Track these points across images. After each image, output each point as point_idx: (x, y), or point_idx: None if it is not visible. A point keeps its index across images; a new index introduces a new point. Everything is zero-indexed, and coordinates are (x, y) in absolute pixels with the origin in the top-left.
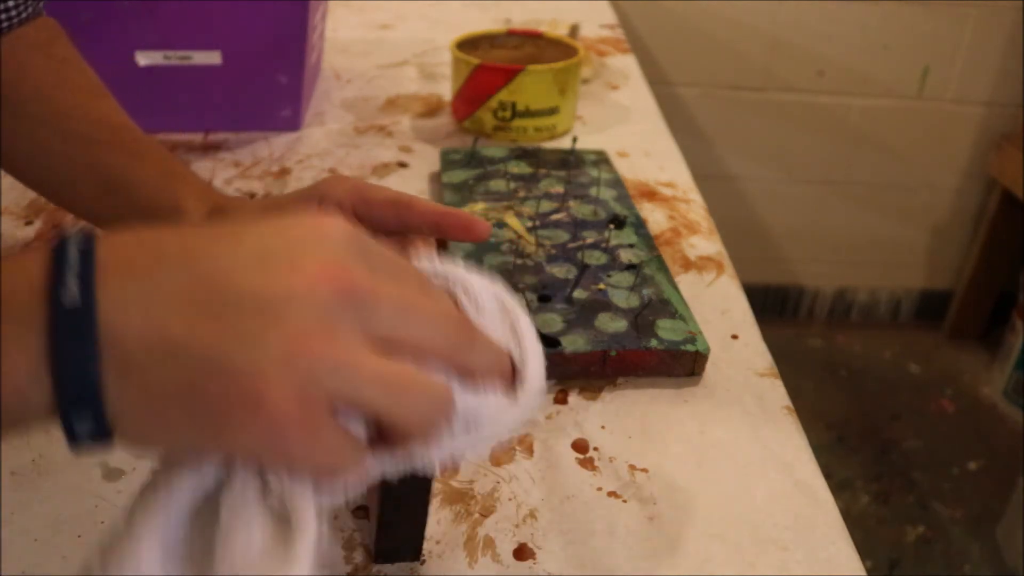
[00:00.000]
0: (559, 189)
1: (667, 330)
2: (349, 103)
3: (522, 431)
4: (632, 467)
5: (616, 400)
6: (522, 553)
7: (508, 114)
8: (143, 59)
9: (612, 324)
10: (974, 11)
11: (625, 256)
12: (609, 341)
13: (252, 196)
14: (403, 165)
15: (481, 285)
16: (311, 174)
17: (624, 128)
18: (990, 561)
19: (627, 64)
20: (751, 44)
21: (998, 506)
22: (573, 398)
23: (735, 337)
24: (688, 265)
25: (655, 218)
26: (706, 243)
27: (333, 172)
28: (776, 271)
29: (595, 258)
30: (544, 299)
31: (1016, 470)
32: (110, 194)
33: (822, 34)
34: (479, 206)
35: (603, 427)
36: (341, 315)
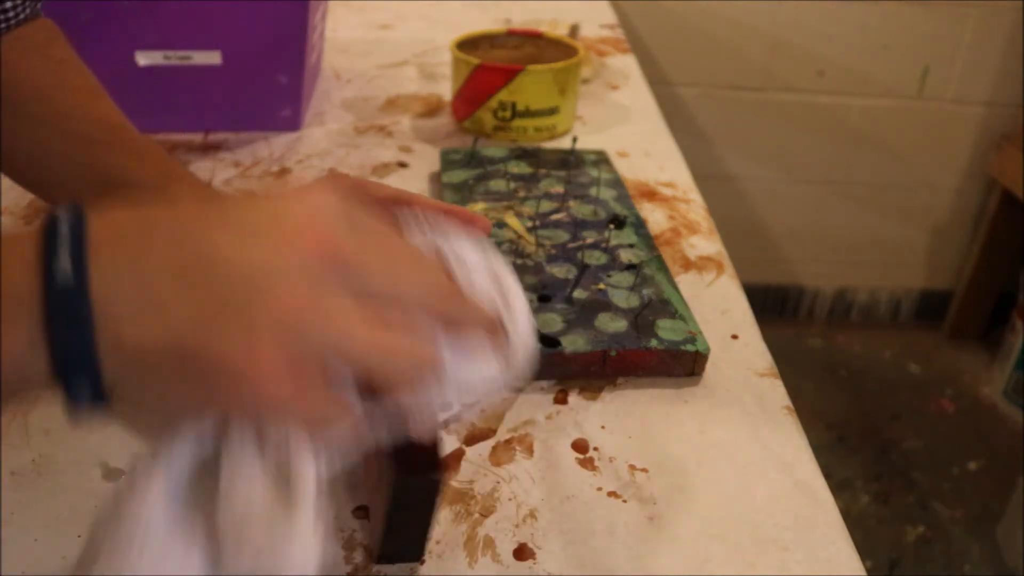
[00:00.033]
0: (559, 189)
1: (667, 330)
2: (349, 103)
3: (521, 432)
4: (632, 467)
5: (616, 400)
6: (522, 553)
7: (508, 114)
8: (143, 59)
9: (612, 324)
10: (974, 11)
11: (625, 256)
12: (609, 341)
13: None
14: (403, 165)
15: (470, 251)
16: (311, 174)
17: (624, 128)
18: (990, 561)
19: (627, 64)
20: (751, 44)
21: (998, 506)
22: (573, 398)
23: (735, 337)
24: (688, 265)
25: (655, 218)
26: (706, 243)
27: (333, 172)
28: (776, 271)
29: (595, 258)
30: (544, 299)
31: (1016, 470)
32: (107, 194)
33: (822, 34)
34: (479, 206)
35: (603, 427)
36: (329, 282)
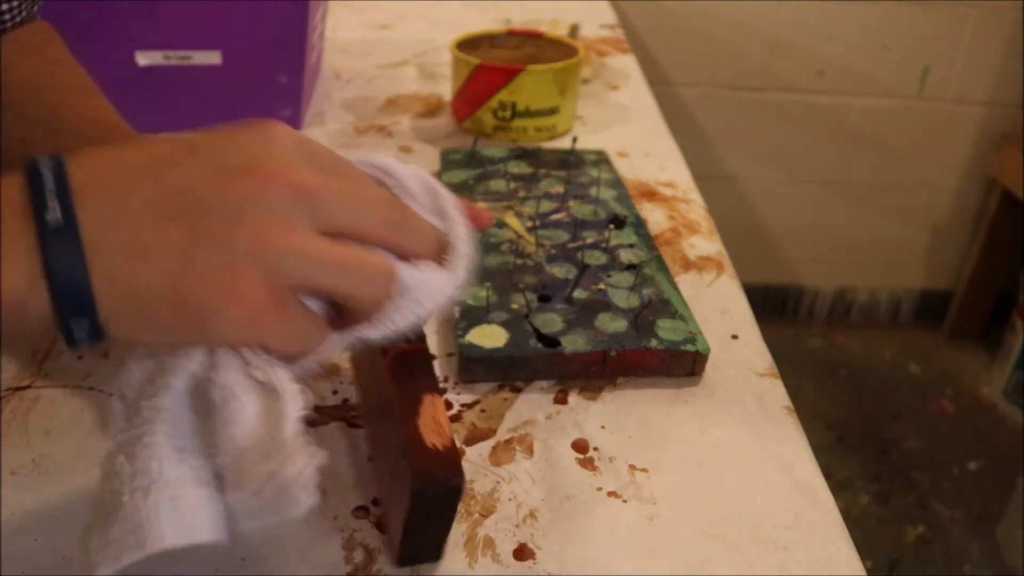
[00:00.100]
0: (559, 189)
1: (667, 330)
2: (349, 103)
3: (521, 432)
4: (632, 467)
5: (616, 400)
6: (522, 553)
7: (508, 114)
8: (143, 59)
9: (612, 324)
10: (974, 11)
11: (625, 256)
12: (609, 341)
13: None
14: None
15: (408, 171)
16: None
17: (624, 128)
18: (990, 561)
19: (627, 64)
20: (751, 44)
21: (998, 506)
22: (573, 398)
23: (735, 337)
24: (688, 265)
25: (655, 218)
26: (706, 243)
27: None
28: (776, 271)
29: (595, 258)
30: (544, 299)
31: (1016, 470)
32: None
33: (822, 34)
34: (479, 206)
35: (603, 427)
36: (294, 210)
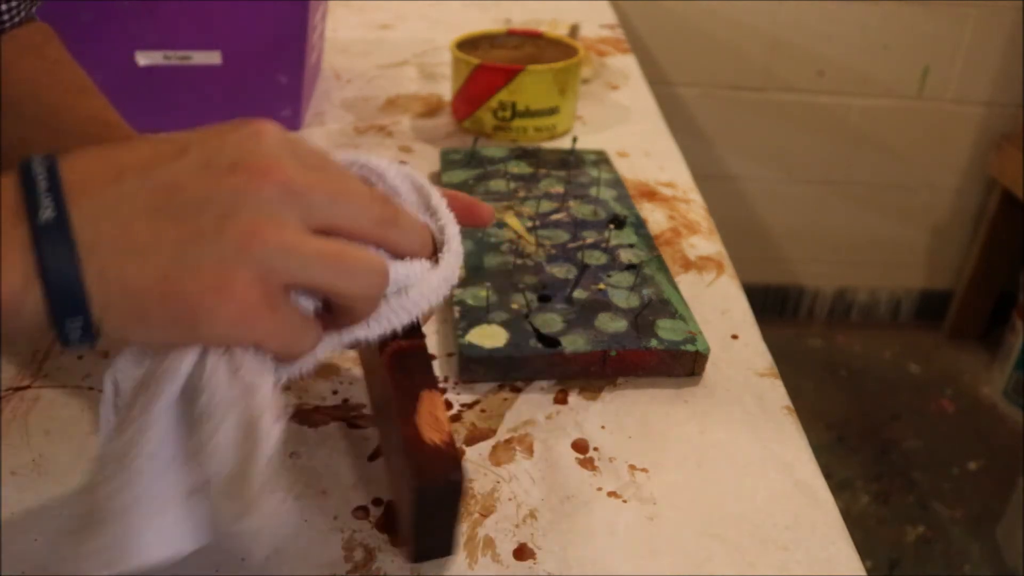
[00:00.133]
0: (559, 189)
1: (667, 330)
2: (349, 103)
3: (521, 432)
4: (632, 467)
5: (616, 400)
6: (522, 553)
7: (508, 114)
8: (143, 59)
9: (612, 324)
10: (974, 11)
11: (625, 256)
12: (609, 341)
13: None
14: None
15: (394, 169)
16: None
17: (624, 128)
18: (990, 561)
19: (627, 64)
20: (751, 44)
21: (998, 506)
22: (573, 398)
23: (735, 337)
24: (688, 265)
25: (655, 218)
26: (706, 243)
27: None
28: (776, 271)
29: (595, 258)
30: (544, 299)
31: (1016, 470)
32: None
33: (822, 34)
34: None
35: (603, 427)
36: (283, 207)
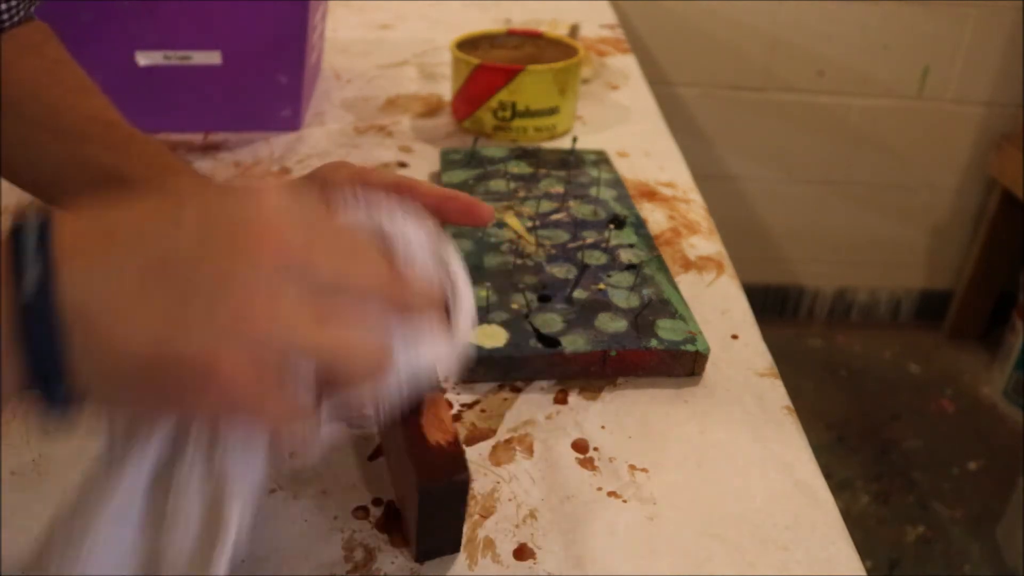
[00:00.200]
0: (559, 189)
1: (667, 330)
2: (349, 103)
3: (521, 432)
4: (632, 467)
5: (616, 400)
6: (522, 553)
7: (508, 114)
8: (143, 59)
9: (612, 324)
10: (974, 11)
11: (625, 256)
12: (609, 341)
13: None
14: (403, 165)
15: (411, 230)
16: None
17: (624, 128)
18: (990, 561)
19: (627, 64)
20: (751, 44)
21: (998, 506)
22: (573, 398)
23: (735, 337)
24: (688, 265)
25: (655, 218)
26: (706, 243)
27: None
28: (776, 271)
29: (595, 258)
30: (544, 299)
31: (1016, 470)
32: (103, 190)
33: (822, 34)
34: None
35: (603, 427)
36: (281, 278)
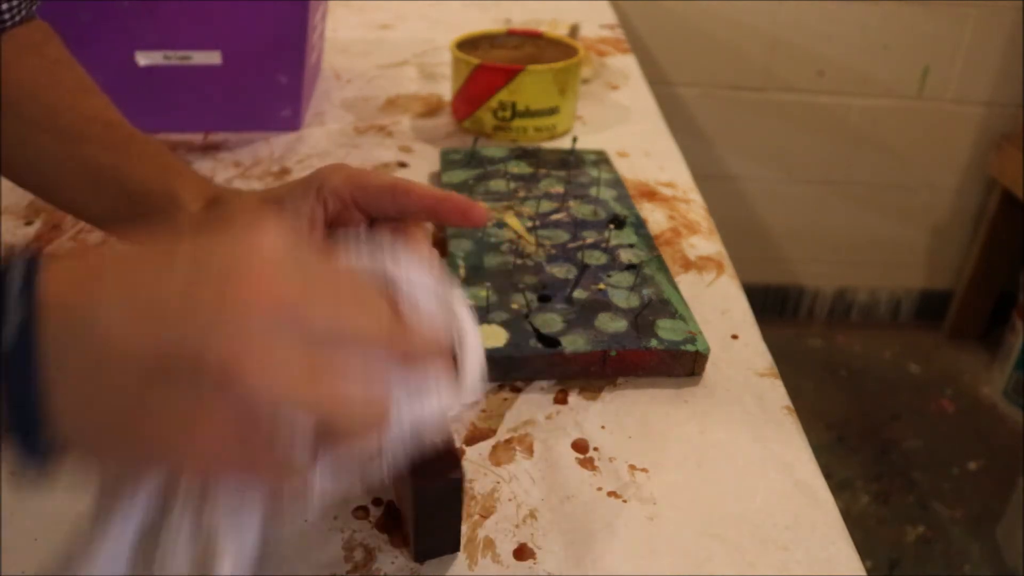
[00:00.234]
0: (559, 189)
1: (667, 330)
2: (349, 103)
3: (521, 432)
4: (632, 467)
5: (616, 400)
6: (522, 553)
7: (508, 114)
8: (143, 59)
9: (612, 324)
10: (974, 11)
11: (625, 256)
12: (609, 341)
13: None
14: (403, 165)
15: (416, 274)
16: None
17: (624, 128)
18: (990, 561)
19: (627, 64)
20: (751, 44)
21: (998, 506)
22: (573, 398)
23: (735, 337)
24: (688, 265)
25: (655, 218)
26: (706, 243)
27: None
28: (776, 271)
29: (595, 258)
30: (544, 299)
31: (1016, 470)
32: (102, 190)
33: (822, 34)
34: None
35: (603, 427)
36: (274, 327)
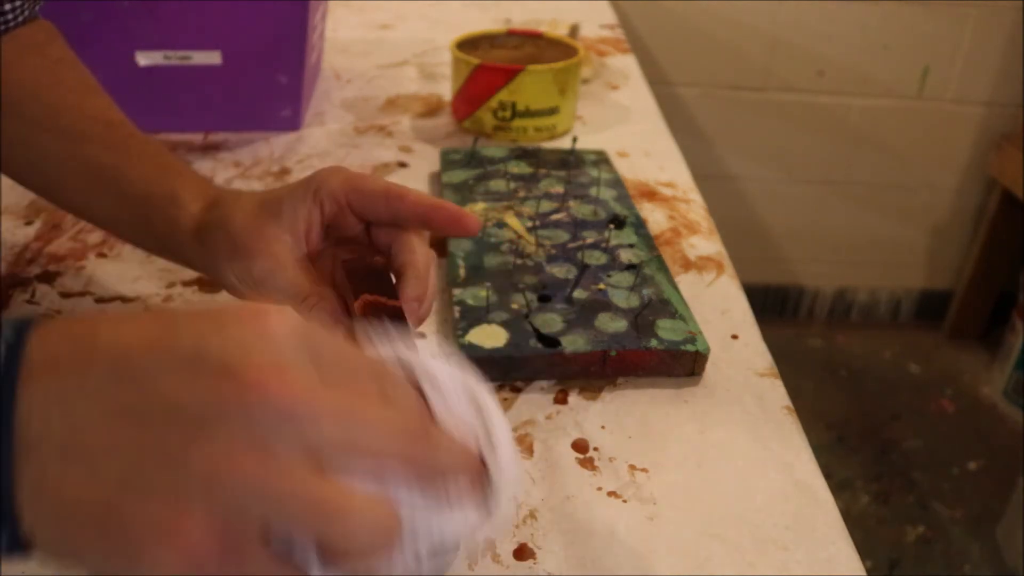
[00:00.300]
0: (559, 189)
1: (667, 330)
2: (349, 103)
3: (521, 432)
4: (632, 467)
5: (616, 400)
6: (522, 553)
7: (508, 114)
8: (143, 59)
9: (612, 324)
10: (974, 11)
11: (625, 256)
12: (609, 341)
13: None
14: (403, 165)
15: (448, 375)
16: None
17: (624, 128)
18: (990, 561)
19: (627, 64)
20: (751, 44)
21: (998, 506)
22: (573, 398)
23: (735, 337)
24: (688, 265)
25: (655, 218)
26: (706, 243)
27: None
28: (776, 271)
29: (595, 258)
30: (544, 299)
31: (1016, 470)
32: (103, 190)
33: (822, 34)
34: (479, 206)
35: (603, 427)
36: (275, 430)
